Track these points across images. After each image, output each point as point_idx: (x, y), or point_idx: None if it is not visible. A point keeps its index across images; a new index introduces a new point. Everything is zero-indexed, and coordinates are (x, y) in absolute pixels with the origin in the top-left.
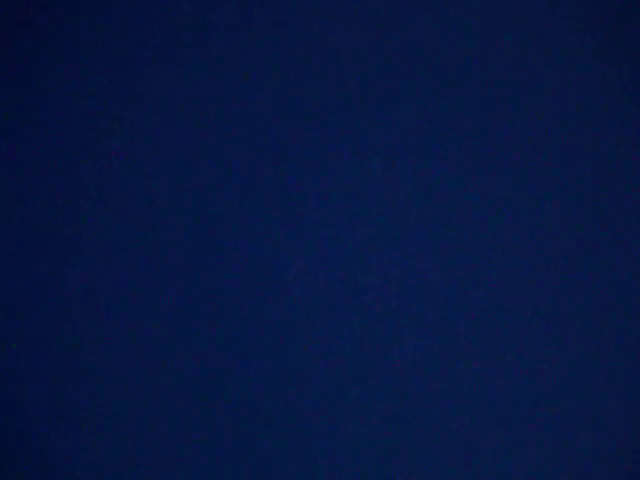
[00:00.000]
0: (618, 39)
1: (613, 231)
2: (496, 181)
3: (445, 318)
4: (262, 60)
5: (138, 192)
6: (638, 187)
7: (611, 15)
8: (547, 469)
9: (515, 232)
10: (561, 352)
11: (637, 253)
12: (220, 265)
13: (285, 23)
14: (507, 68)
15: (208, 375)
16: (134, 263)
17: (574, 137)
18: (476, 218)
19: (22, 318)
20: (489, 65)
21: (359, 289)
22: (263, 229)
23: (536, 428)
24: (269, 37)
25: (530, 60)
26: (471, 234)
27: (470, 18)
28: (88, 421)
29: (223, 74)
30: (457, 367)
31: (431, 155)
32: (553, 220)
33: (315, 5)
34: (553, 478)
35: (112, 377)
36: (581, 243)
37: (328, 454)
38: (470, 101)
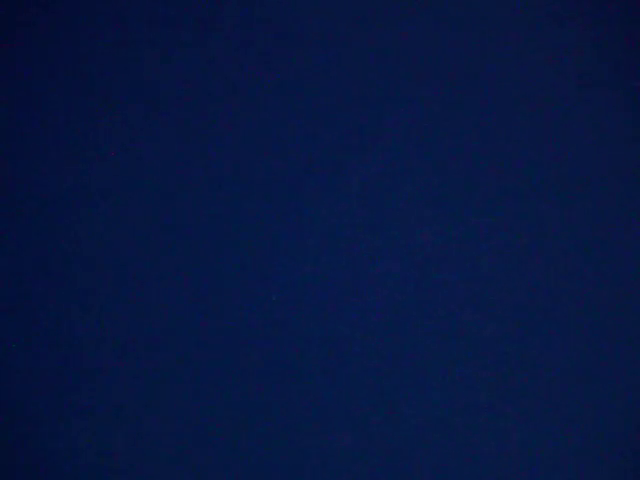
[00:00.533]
0: (619, 39)
1: (613, 232)
2: (496, 181)
3: (445, 317)
4: (262, 60)
5: (137, 192)
6: (638, 187)
7: (611, 15)
8: (546, 468)
9: (516, 233)
10: (561, 353)
11: (637, 253)
12: (218, 263)
13: (286, 23)
14: (507, 69)
15: (206, 374)
16: (133, 263)
17: (574, 137)
18: (476, 218)
19: (22, 318)
20: (489, 66)
21: (358, 288)
22: (261, 227)
23: (535, 428)
24: (269, 37)
25: (531, 61)
26: (470, 235)
27: (470, 17)
28: (88, 421)
29: (223, 74)
30: (457, 368)
31: (431, 156)
32: (553, 221)
33: (316, 6)
34: (552, 477)
35: (111, 377)
36: (581, 245)
37: (326, 455)
38: (471, 102)
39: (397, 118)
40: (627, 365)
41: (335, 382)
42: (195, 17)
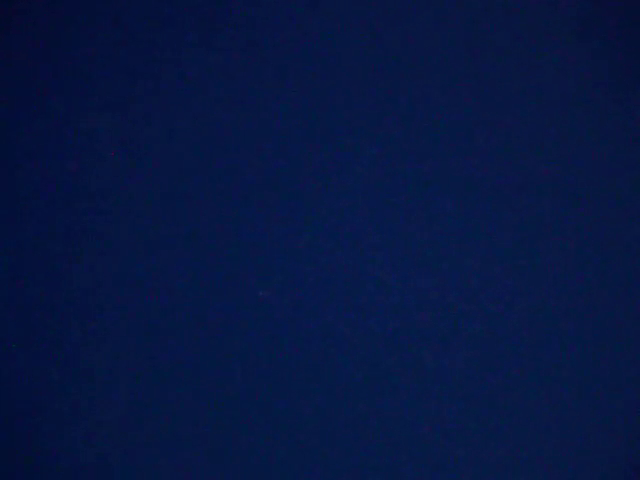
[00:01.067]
0: (618, 38)
1: (614, 233)
2: (497, 181)
3: (444, 320)
4: (264, 60)
5: (137, 193)
6: (638, 187)
7: (611, 15)
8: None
9: (516, 233)
10: (561, 354)
11: (637, 253)
12: (215, 262)
13: (287, 24)
14: (506, 66)
15: (201, 373)
16: (133, 263)
17: (574, 137)
18: (476, 218)
19: (22, 318)
20: (489, 65)
21: (354, 288)
22: (257, 227)
23: (539, 435)
24: (267, 37)
25: (529, 59)
26: (470, 234)
27: (468, 14)
28: (88, 420)
29: (224, 75)
30: (456, 370)
31: (431, 155)
32: (554, 222)
33: (314, 5)
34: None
35: (111, 377)
36: (582, 245)
37: (324, 455)
38: (470, 101)
39: (398, 118)
40: (630, 367)
41: (331, 380)
42: (198, 17)
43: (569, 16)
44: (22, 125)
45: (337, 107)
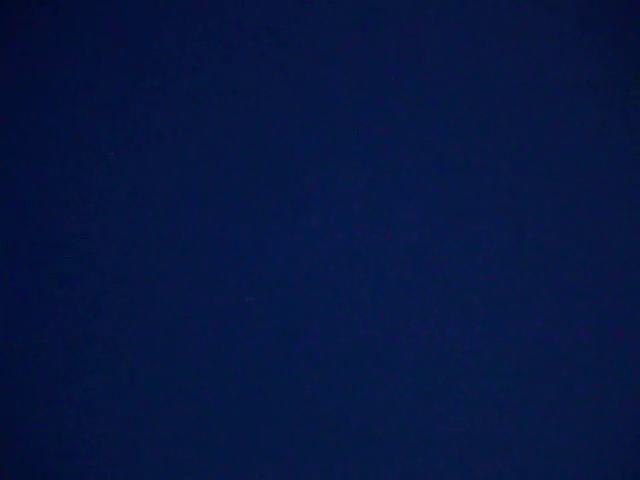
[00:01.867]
0: (618, 38)
1: (615, 236)
2: (496, 182)
3: (444, 324)
4: (262, 58)
5: (136, 193)
6: (638, 187)
7: (611, 15)
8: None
9: (515, 235)
10: (562, 357)
11: (637, 253)
12: (218, 261)
13: (283, 24)
14: (503, 66)
15: (205, 373)
16: (133, 263)
17: (572, 136)
18: (476, 219)
19: (23, 318)
20: (489, 67)
21: (351, 290)
22: (255, 227)
23: (543, 443)
24: (262, 37)
25: (526, 58)
26: (470, 235)
27: (468, 18)
28: (88, 418)
29: (224, 73)
30: (455, 374)
31: (430, 156)
32: (555, 223)
33: (312, 5)
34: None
35: (112, 378)
36: (581, 246)
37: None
38: (470, 104)
39: (396, 118)
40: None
41: (328, 385)
42: (198, 15)
43: (569, 15)
44: (22, 125)
45: (339, 106)
